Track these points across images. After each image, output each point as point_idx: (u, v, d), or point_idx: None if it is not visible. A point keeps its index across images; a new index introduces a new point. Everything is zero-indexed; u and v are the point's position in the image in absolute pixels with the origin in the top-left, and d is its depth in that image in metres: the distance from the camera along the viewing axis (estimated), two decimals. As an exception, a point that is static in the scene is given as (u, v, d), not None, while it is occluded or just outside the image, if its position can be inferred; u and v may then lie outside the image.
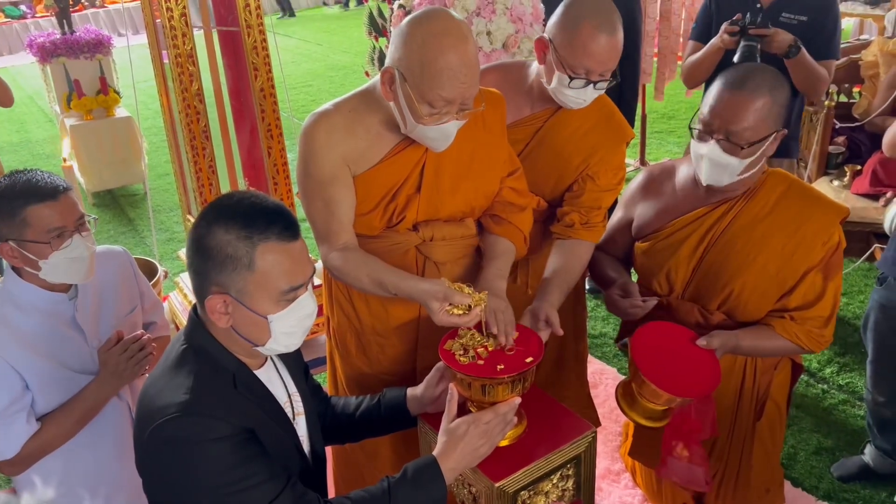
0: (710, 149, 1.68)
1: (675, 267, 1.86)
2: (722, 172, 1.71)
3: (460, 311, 1.52)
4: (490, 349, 1.52)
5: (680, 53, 5.15)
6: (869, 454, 2.52)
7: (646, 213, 1.93)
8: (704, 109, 1.71)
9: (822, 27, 2.71)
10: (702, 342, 1.74)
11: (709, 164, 1.70)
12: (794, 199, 1.78)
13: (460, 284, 1.56)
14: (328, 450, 1.86)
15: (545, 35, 1.85)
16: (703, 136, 1.71)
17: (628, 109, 3.41)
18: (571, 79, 1.79)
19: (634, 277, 2.03)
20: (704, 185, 1.76)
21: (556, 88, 1.83)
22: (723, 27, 2.67)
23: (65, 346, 1.70)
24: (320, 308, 2.00)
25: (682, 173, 1.89)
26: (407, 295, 1.59)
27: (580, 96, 1.83)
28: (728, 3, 2.85)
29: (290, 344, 1.34)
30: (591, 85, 1.80)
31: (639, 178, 2.00)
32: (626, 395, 1.77)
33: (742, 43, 2.59)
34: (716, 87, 1.70)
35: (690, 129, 1.75)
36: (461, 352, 1.51)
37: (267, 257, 1.23)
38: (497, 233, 1.80)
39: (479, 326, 1.57)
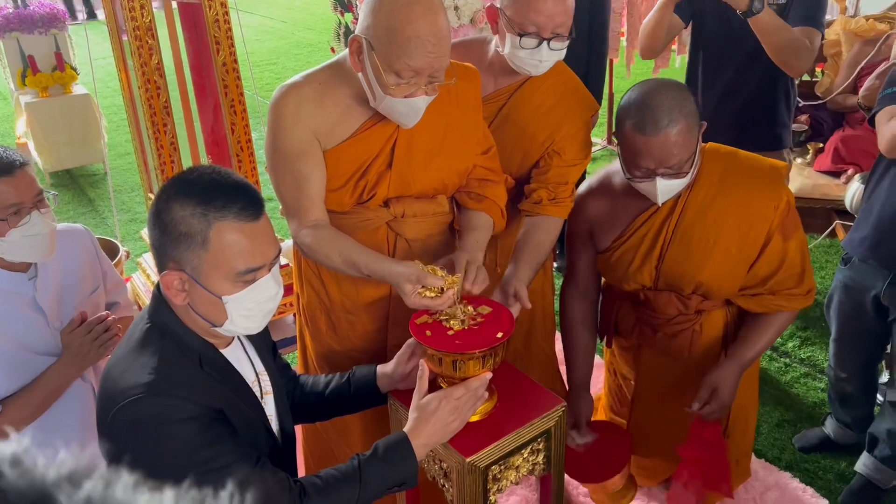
0: (658, 183, 1.69)
1: (637, 269, 1.87)
2: (676, 189, 1.74)
3: (433, 294, 1.50)
4: (458, 327, 1.51)
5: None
6: (829, 426, 2.59)
7: (601, 228, 1.93)
8: (630, 158, 1.70)
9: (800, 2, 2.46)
10: (704, 412, 1.85)
11: (662, 194, 1.72)
12: (735, 174, 1.79)
13: (433, 267, 1.54)
14: (298, 427, 1.85)
15: (495, 3, 1.83)
16: (644, 177, 1.71)
17: (595, 86, 3.41)
18: (521, 37, 1.76)
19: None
20: (661, 204, 1.78)
21: (511, 53, 1.80)
22: None
23: (25, 327, 1.65)
24: (287, 288, 1.97)
25: (620, 178, 1.87)
26: (380, 276, 1.57)
27: (535, 57, 1.79)
28: None
29: (250, 327, 1.30)
30: (545, 44, 1.76)
31: (581, 195, 1.96)
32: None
33: None
34: (630, 134, 1.67)
35: (627, 178, 1.75)
36: (444, 318, 1.52)
37: (223, 236, 1.19)
38: (474, 208, 1.78)
39: None
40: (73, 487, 0.40)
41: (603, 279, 2.09)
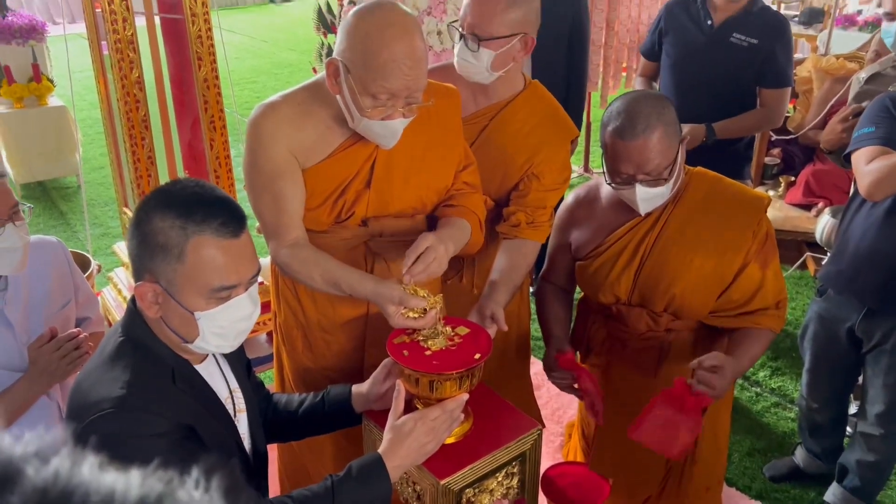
0: (637, 191, 1.73)
1: (615, 279, 1.89)
2: (657, 200, 1.77)
3: (416, 315, 1.51)
4: (435, 347, 1.50)
5: (625, 64, 5.25)
6: (799, 456, 2.61)
7: (582, 235, 1.95)
8: (610, 163, 1.74)
9: (773, 55, 2.70)
10: (705, 390, 1.76)
11: (642, 201, 1.76)
12: (718, 197, 1.83)
13: (415, 287, 1.53)
14: (273, 445, 1.82)
15: None
16: (624, 184, 1.75)
17: (575, 115, 3.45)
18: (461, 36, 1.82)
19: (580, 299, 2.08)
20: (643, 214, 1.81)
21: (456, 57, 1.87)
22: None
23: (-8, 341, 1.61)
24: (262, 306, 1.95)
25: (607, 189, 1.91)
26: (362, 297, 1.57)
27: (467, 58, 1.84)
28: (678, 21, 2.88)
29: (222, 345, 1.28)
30: (476, 44, 1.81)
31: (567, 203, 2.02)
32: None
33: None
34: (609, 139, 1.72)
35: (608, 183, 1.79)
36: (421, 338, 1.51)
37: (200, 251, 1.18)
38: (451, 214, 1.77)
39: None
40: (41, 462, 0.40)
41: (579, 295, 2.10)
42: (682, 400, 1.79)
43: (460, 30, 1.84)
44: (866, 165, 1.99)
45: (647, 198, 1.75)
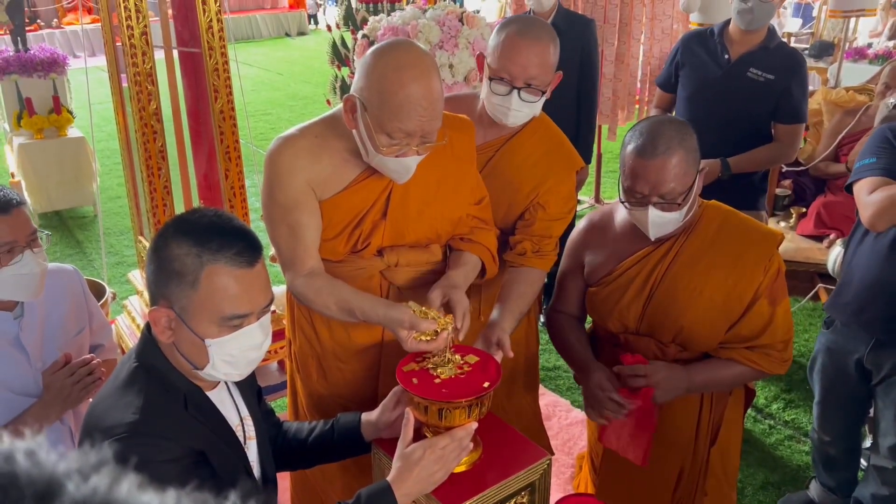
0: (650, 213, 1.74)
1: (625, 306, 1.89)
2: (667, 226, 1.78)
3: (428, 338, 1.52)
4: (445, 375, 1.51)
5: (637, 97, 5.30)
6: (814, 490, 2.57)
7: (595, 259, 1.96)
8: (627, 182, 1.75)
9: (788, 91, 2.72)
10: (640, 383, 1.79)
11: (653, 225, 1.76)
12: (730, 231, 1.83)
13: (425, 310, 1.55)
14: (287, 472, 1.82)
15: (484, 52, 1.91)
16: (638, 205, 1.76)
17: (585, 146, 3.48)
18: (491, 81, 1.83)
19: (589, 321, 2.08)
20: (653, 239, 1.82)
21: (486, 98, 1.88)
22: None
23: (6, 366, 1.63)
24: (277, 334, 1.96)
25: (622, 215, 1.92)
26: (375, 322, 1.60)
27: (505, 104, 1.85)
28: (694, 55, 2.91)
29: (231, 374, 1.29)
30: (516, 93, 1.83)
31: (581, 227, 2.03)
32: None
33: None
34: (629, 157, 1.73)
35: (622, 202, 1.80)
36: (431, 366, 1.52)
37: (213, 279, 1.20)
38: (465, 249, 1.81)
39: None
40: (82, 479, 0.42)
41: (588, 325, 2.10)
42: (629, 394, 1.82)
43: (509, 83, 1.82)
44: (868, 196, 1.99)
45: (658, 222, 1.75)
